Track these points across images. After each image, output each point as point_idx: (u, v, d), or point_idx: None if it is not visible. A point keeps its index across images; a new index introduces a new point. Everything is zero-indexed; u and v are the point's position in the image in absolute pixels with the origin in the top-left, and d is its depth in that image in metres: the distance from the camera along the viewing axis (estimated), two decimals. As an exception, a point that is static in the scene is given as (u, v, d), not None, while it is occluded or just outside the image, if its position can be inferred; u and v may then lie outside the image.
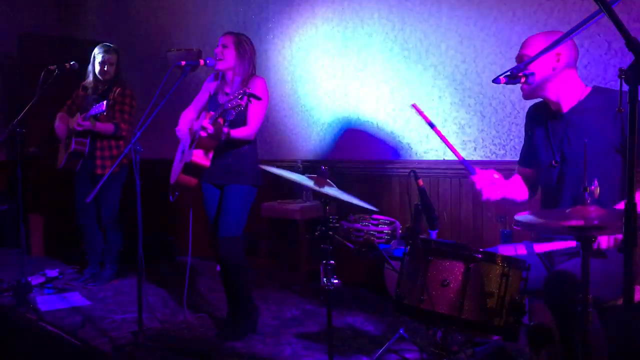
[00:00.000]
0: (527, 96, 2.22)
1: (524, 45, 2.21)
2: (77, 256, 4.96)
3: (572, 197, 2.12)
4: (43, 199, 5.57)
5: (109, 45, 4.29)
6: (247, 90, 2.78)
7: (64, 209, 5.58)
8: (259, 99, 2.86)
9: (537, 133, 2.29)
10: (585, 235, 1.55)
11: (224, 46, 3.11)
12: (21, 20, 6.04)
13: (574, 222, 1.57)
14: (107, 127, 4.11)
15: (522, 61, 2.14)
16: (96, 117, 3.92)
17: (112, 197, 4.33)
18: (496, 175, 2.24)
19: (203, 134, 2.88)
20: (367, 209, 2.24)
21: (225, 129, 2.90)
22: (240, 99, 2.75)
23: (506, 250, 2.22)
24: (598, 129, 2.06)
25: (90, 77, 4.27)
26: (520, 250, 2.22)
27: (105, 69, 4.21)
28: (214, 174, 3.13)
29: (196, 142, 2.96)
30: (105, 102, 3.79)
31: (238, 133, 3.02)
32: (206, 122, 2.86)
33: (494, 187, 2.21)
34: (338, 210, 4.05)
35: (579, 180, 2.07)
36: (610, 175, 2.04)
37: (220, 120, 2.88)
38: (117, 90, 4.22)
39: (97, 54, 4.23)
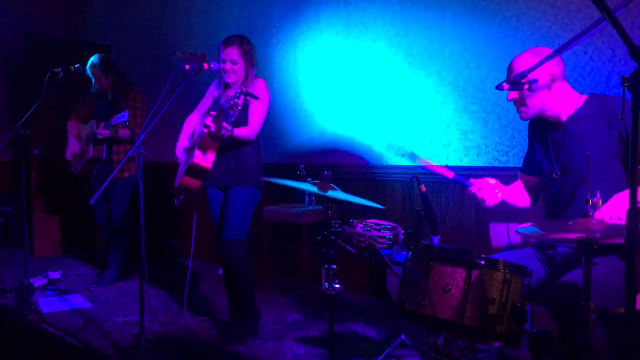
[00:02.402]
0: (525, 118, 2.22)
1: (512, 68, 2.17)
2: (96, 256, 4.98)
3: (575, 208, 2.11)
4: (50, 199, 5.59)
5: (92, 61, 4.30)
6: (245, 90, 2.77)
7: (73, 209, 5.63)
8: (256, 97, 2.86)
9: (539, 143, 2.30)
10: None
11: (233, 62, 3.05)
12: (28, 21, 6.07)
13: (575, 235, 1.58)
14: (124, 132, 4.20)
15: (517, 81, 2.10)
16: (118, 126, 3.97)
17: (122, 200, 4.36)
18: (492, 181, 2.27)
19: (205, 130, 2.89)
20: (369, 214, 2.25)
21: (229, 127, 2.89)
22: (237, 98, 2.75)
23: (498, 229, 2.22)
24: (596, 136, 2.07)
25: (94, 87, 4.39)
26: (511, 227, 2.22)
27: (96, 83, 4.33)
28: (217, 176, 3.13)
29: (198, 143, 2.96)
30: (127, 112, 3.85)
31: (240, 132, 3.00)
32: (209, 121, 2.87)
33: (493, 193, 2.24)
34: (340, 215, 4.05)
35: (581, 191, 2.07)
36: (611, 183, 2.03)
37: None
38: (130, 96, 4.29)
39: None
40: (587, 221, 1.61)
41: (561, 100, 2.15)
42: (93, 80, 4.32)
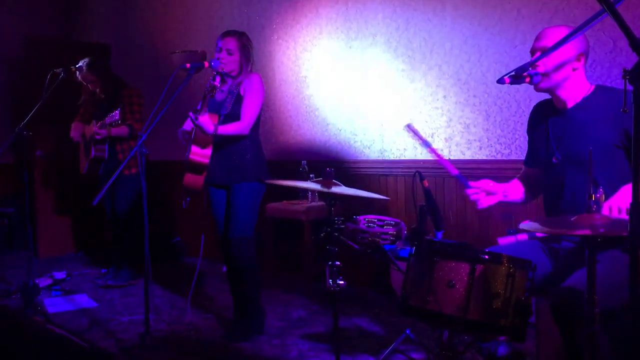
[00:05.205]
0: (538, 88, 2.15)
1: (540, 37, 2.14)
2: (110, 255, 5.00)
3: (571, 196, 2.11)
4: (54, 200, 5.61)
5: (79, 66, 4.27)
6: (220, 70, 2.94)
7: (77, 210, 5.64)
8: (232, 77, 3.03)
9: (538, 130, 2.29)
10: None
11: (229, 52, 3.06)
12: (28, 23, 6.08)
13: (580, 232, 1.57)
14: (122, 130, 4.21)
15: (535, 54, 2.10)
16: (111, 124, 4.00)
17: (130, 197, 4.37)
18: (491, 184, 2.26)
19: (190, 124, 2.92)
20: (372, 211, 2.25)
21: (212, 124, 2.90)
22: (213, 80, 2.85)
23: (507, 241, 2.22)
24: (599, 127, 2.05)
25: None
26: (521, 237, 2.22)
27: (91, 87, 4.35)
28: (217, 175, 3.12)
29: (193, 138, 2.99)
30: (118, 112, 3.86)
31: (227, 128, 2.98)
32: (191, 113, 2.88)
33: (488, 197, 2.25)
34: (343, 212, 4.05)
35: (579, 179, 2.07)
36: (613, 173, 2.02)
37: (206, 109, 2.90)
38: (124, 93, 4.30)
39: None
40: (591, 216, 1.60)
41: (575, 84, 2.14)
42: (88, 85, 4.36)
